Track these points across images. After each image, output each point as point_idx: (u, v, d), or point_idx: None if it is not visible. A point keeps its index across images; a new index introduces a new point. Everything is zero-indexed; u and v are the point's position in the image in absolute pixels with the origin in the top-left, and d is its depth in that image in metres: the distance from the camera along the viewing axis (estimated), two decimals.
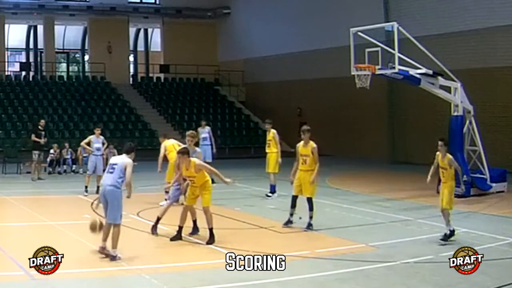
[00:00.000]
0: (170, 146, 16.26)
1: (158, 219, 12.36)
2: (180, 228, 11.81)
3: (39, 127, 22.41)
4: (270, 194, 17.48)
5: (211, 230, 11.60)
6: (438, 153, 12.02)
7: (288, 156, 16.52)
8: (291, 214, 13.07)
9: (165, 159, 16.21)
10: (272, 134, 17.75)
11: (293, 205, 13.03)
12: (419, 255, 10.56)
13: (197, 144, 15.13)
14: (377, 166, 27.02)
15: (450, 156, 12.02)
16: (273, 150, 17.63)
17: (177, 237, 11.80)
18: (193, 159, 11.80)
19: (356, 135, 31.03)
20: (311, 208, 12.79)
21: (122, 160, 10.65)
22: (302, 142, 13.03)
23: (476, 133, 18.49)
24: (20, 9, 36.65)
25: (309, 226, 12.76)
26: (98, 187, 17.99)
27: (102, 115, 34.22)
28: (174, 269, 9.79)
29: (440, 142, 11.99)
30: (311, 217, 12.79)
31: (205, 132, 20.80)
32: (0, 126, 30.94)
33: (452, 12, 25.43)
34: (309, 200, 12.81)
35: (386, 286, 9.04)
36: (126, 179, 10.40)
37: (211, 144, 20.70)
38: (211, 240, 11.51)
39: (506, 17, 23.50)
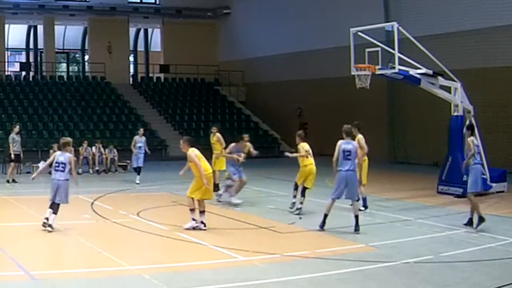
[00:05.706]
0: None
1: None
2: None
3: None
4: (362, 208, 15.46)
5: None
6: None
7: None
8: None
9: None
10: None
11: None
12: (419, 255, 10.54)
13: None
14: (377, 166, 26.91)
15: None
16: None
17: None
18: None
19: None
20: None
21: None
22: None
23: (476, 133, 18.46)
24: (20, 9, 36.66)
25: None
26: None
27: (102, 115, 34.21)
28: (174, 269, 9.77)
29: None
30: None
31: None
32: (0, 126, 30.92)
33: (452, 12, 25.42)
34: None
35: (386, 286, 9.03)
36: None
37: None
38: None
39: (506, 17, 23.49)
